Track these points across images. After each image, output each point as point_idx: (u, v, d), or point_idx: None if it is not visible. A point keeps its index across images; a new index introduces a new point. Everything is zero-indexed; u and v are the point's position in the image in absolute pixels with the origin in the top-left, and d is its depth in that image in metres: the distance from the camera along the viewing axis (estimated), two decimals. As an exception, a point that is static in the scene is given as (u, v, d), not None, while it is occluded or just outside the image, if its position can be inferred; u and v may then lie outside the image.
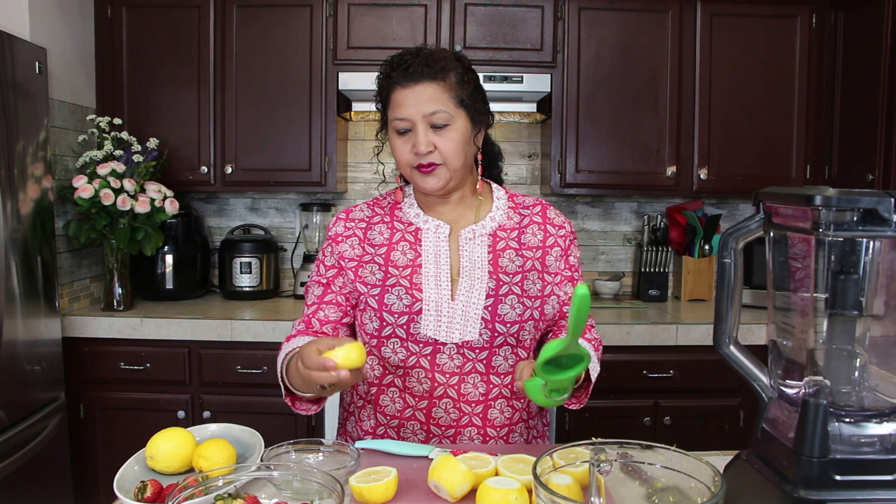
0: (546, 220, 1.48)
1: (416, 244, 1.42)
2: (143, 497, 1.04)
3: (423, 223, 1.43)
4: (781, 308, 0.98)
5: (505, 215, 1.46)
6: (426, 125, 1.33)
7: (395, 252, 1.41)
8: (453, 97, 1.34)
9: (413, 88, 1.33)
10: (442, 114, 1.33)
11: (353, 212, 1.48)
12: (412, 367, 1.37)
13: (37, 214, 2.29)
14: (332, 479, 0.95)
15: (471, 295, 1.37)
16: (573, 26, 2.79)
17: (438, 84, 1.33)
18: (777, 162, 2.86)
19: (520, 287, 1.40)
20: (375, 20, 2.78)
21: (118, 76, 2.82)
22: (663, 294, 3.03)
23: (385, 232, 1.44)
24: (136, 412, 2.56)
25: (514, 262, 1.41)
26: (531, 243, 1.44)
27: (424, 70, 1.33)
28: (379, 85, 1.40)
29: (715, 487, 0.83)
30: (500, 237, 1.44)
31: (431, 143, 1.33)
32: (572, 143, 2.83)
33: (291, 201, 3.22)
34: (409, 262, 1.40)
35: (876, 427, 0.89)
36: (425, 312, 1.35)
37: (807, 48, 2.82)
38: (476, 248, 1.42)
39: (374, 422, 1.44)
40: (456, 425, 1.39)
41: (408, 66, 1.34)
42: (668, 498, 0.89)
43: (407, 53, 1.36)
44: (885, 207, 0.84)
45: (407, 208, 1.46)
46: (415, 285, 1.37)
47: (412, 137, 1.34)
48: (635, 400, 2.56)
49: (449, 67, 1.35)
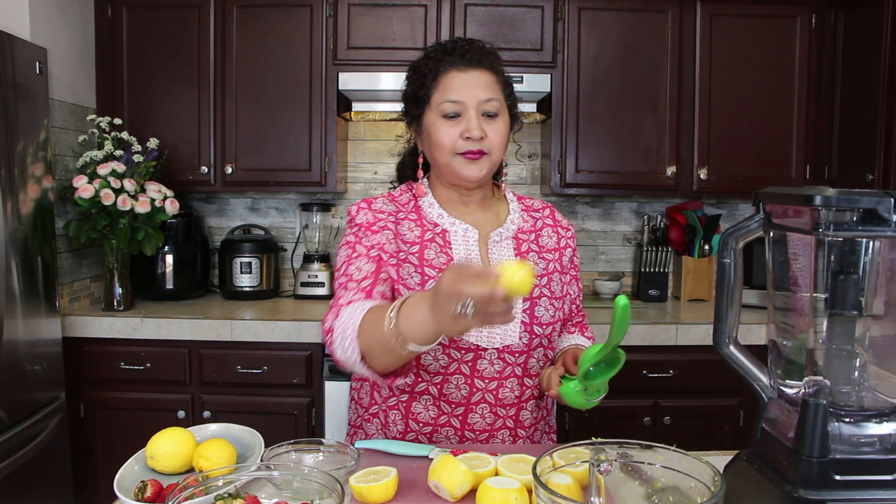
0: (556, 222, 1.51)
1: (446, 247, 1.38)
2: (143, 497, 1.04)
3: (450, 225, 1.40)
4: (781, 308, 0.98)
5: (521, 218, 1.47)
6: (478, 112, 1.32)
7: (428, 251, 1.37)
8: (502, 90, 1.36)
9: (470, 73, 1.32)
10: (495, 102, 1.33)
11: (375, 203, 1.41)
12: (452, 374, 1.35)
13: (37, 214, 2.29)
14: (332, 479, 0.95)
15: None
16: (573, 26, 2.79)
17: (492, 74, 1.35)
18: (777, 162, 2.86)
19: (548, 289, 1.41)
20: (375, 20, 2.78)
21: (118, 76, 2.82)
22: (663, 294, 3.03)
23: (414, 229, 1.39)
24: (136, 412, 2.56)
25: (538, 265, 1.42)
26: (548, 245, 1.46)
27: (483, 58, 1.34)
28: (422, 68, 1.37)
29: (715, 487, 0.83)
30: (522, 240, 1.44)
31: (483, 129, 1.32)
32: (572, 144, 2.83)
33: (291, 201, 3.22)
34: (442, 265, 1.36)
35: (876, 427, 0.89)
36: None
37: (807, 48, 2.82)
38: (504, 252, 1.41)
39: (402, 427, 1.40)
40: (490, 429, 1.38)
41: (465, 50, 1.33)
42: (667, 498, 0.89)
43: (458, 40, 1.37)
44: (885, 207, 0.84)
45: (428, 207, 1.42)
46: None
47: (461, 122, 1.32)
48: (635, 400, 2.56)
49: (499, 62, 1.37)
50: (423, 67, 1.37)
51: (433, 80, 1.34)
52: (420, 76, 1.37)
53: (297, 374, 2.53)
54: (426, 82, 1.35)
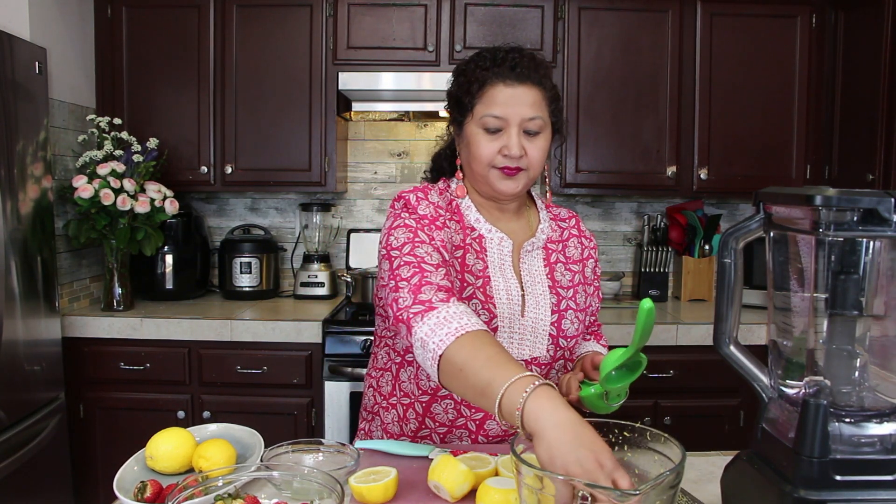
0: (580, 232, 1.49)
1: (482, 253, 1.36)
2: (143, 497, 1.04)
3: (487, 232, 1.37)
4: (781, 308, 0.97)
5: (549, 228, 1.45)
6: (520, 129, 1.29)
7: (469, 255, 1.34)
8: (548, 106, 1.32)
9: (517, 88, 1.28)
10: (538, 121, 1.30)
11: (430, 194, 1.34)
12: None
13: (37, 214, 2.29)
14: (332, 479, 0.95)
15: (538, 311, 1.35)
16: (573, 26, 2.79)
17: (540, 90, 1.30)
18: (777, 162, 2.86)
19: (574, 301, 1.40)
20: (375, 20, 2.78)
21: (118, 76, 2.81)
22: (663, 294, 3.03)
23: (459, 232, 1.35)
24: (136, 412, 2.56)
25: (565, 276, 1.41)
26: (574, 257, 1.45)
27: (532, 73, 1.29)
28: (469, 75, 1.33)
29: (676, 460, 0.87)
30: (551, 250, 1.43)
31: (523, 147, 1.29)
32: (572, 143, 2.83)
33: (291, 201, 3.22)
34: (479, 272, 1.33)
35: (876, 427, 0.89)
36: (500, 329, 1.31)
37: (807, 48, 2.82)
38: (534, 262, 1.40)
39: (416, 425, 1.38)
40: (504, 436, 1.38)
41: (515, 63, 1.29)
42: (633, 471, 0.93)
43: (510, 50, 1.31)
44: (885, 207, 0.84)
45: (465, 210, 1.39)
46: (489, 298, 1.31)
47: (501, 137, 1.29)
48: (635, 400, 2.53)
49: (548, 75, 1.33)
50: (471, 74, 1.32)
51: (479, 90, 1.30)
52: (466, 82, 1.33)
53: (297, 374, 2.53)
54: (472, 90, 1.31)
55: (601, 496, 0.77)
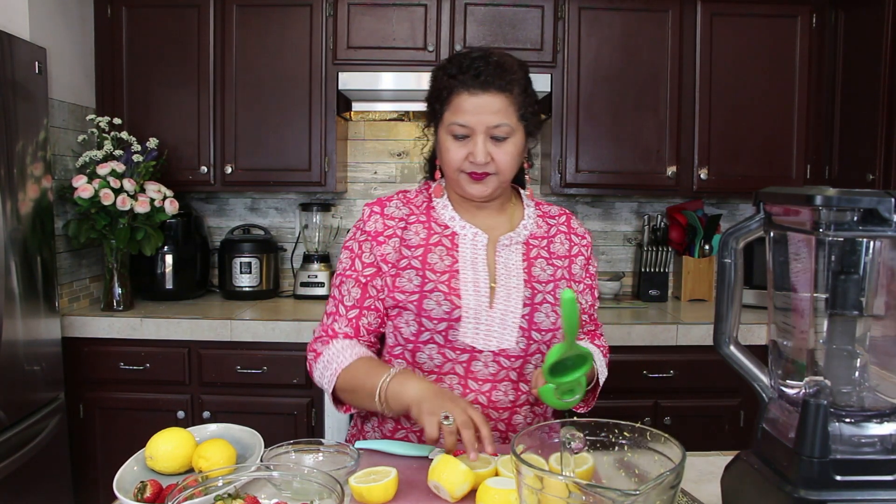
0: (570, 229, 1.49)
1: (453, 249, 1.39)
2: (143, 497, 1.04)
3: (461, 228, 1.40)
4: (781, 308, 0.97)
5: (535, 224, 1.46)
6: (486, 136, 1.31)
7: (431, 254, 1.38)
8: (517, 111, 1.32)
9: (481, 97, 1.30)
10: (504, 127, 1.31)
11: (388, 207, 1.42)
12: (446, 374, 1.36)
13: (36, 214, 2.29)
14: (332, 479, 0.95)
15: (508, 303, 1.36)
16: (573, 26, 2.79)
17: (506, 96, 1.31)
18: (777, 162, 2.86)
19: (552, 296, 1.40)
20: (375, 20, 2.78)
21: (118, 76, 2.81)
22: (663, 294, 3.03)
23: (421, 232, 1.40)
24: (136, 412, 2.56)
25: (545, 271, 1.41)
26: (559, 252, 1.45)
27: (495, 80, 1.30)
28: (438, 81, 1.36)
29: (676, 459, 0.86)
30: (533, 245, 1.44)
31: (489, 153, 1.31)
32: (572, 143, 2.83)
33: (291, 201, 3.22)
34: (446, 267, 1.37)
35: (876, 427, 0.89)
36: (464, 320, 1.33)
37: (807, 48, 2.82)
38: (511, 256, 1.41)
39: (392, 424, 1.41)
40: (503, 432, 1.38)
41: (478, 72, 1.30)
42: (633, 470, 0.94)
43: (477, 56, 1.32)
44: (886, 207, 0.84)
45: (441, 209, 1.43)
46: (453, 291, 1.35)
47: (468, 144, 1.32)
48: (635, 400, 2.56)
49: (516, 79, 1.33)
50: (440, 81, 1.35)
51: (446, 98, 1.33)
52: (436, 89, 1.36)
53: (297, 374, 2.53)
54: (441, 97, 1.34)
55: (563, 486, 0.83)
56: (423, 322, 1.34)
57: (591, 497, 0.78)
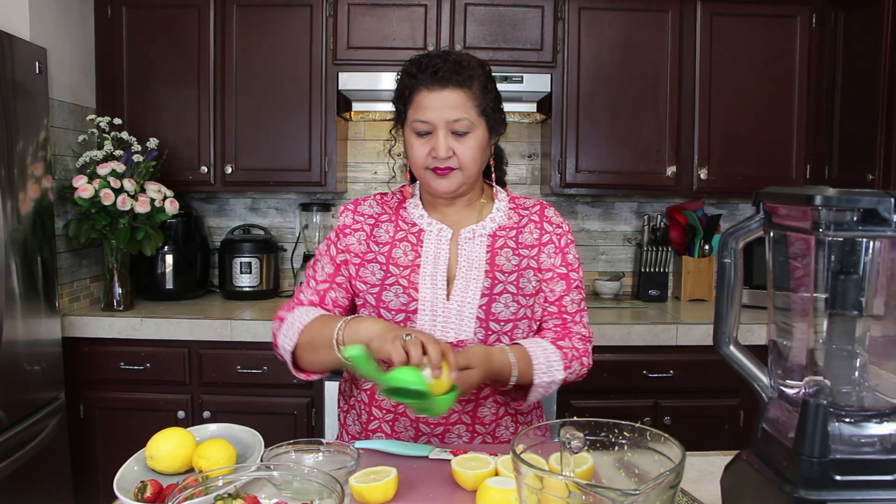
0: (543, 218, 1.49)
1: (418, 245, 1.43)
2: (143, 497, 1.04)
3: (427, 225, 1.44)
4: (781, 308, 0.97)
5: (505, 216, 1.47)
6: (447, 131, 1.34)
7: (396, 250, 1.42)
8: (476, 106, 1.35)
9: (439, 93, 1.33)
10: (464, 121, 1.34)
11: (361, 205, 1.49)
12: None
13: (37, 214, 2.29)
14: (332, 479, 0.95)
15: (465, 294, 1.38)
16: (573, 26, 2.79)
17: (464, 91, 1.34)
18: (777, 162, 2.86)
19: (515, 286, 1.41)
20: (375, 20, 2.78)
21: (118, 76, 2.81)
22: (663, 294, 3.03)
23: (390, 230, 1.45)
24: (136, 412, 2.56)
25: (510, 261, 1.42)
26: (527, 241, 1.45)
27: (453, 76, 1.33)
28: (401, 83, 1.40)
29: (676, 459, 0.86)
30: (500, 236, 1.45)
31: (451, 148, 1.34)
32: (572, 143, 2.83)
33: (291, 201, 3.22)
34: (409, 262, 1.41)
35: (876, 427, 0.89)
36: (420, 311, 1.37)
37: (807, 48, 2.82)
38: (475, 248, 1.43)
39: (367, 417, 1.44)
40: (445, 423, 1.39)
41: (436, 69, 1.33)
42: (633, 470, 0.93)
43: (435, 56, 1.36)
44: (885, 207, 0.84)
45: (412, 208, 1.47)
46: (412, 284, 1.39)
47: (431, 140, 1.35)
48: (635, 400, 2.56)
49: (475, 75, 1.36)
50: (402, 81, 1.40)
51: (409, 96, 1.37)
52: (399, 89, 1.41)
53: (297, 374, 2.53)
54: (404, 96, 1.39)
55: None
56: (382, 313, 1.38)
57: (591, 497, 0.78)
